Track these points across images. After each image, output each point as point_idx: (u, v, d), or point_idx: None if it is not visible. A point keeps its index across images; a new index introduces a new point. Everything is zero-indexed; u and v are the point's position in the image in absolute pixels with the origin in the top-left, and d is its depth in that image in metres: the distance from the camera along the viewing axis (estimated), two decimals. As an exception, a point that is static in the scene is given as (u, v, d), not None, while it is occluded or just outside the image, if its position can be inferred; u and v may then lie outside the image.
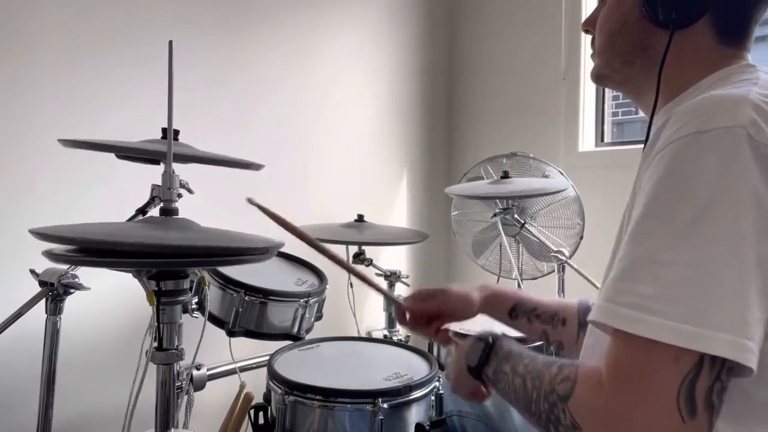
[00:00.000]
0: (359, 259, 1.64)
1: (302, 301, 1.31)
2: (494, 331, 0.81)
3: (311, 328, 1.39)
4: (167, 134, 0.84)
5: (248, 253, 0.77)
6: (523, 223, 1.69)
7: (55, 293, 1.05)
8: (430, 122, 2.54)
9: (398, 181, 2.41)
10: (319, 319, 1.42)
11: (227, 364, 1.42)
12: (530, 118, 2.30)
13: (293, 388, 1.05)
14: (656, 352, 0.52)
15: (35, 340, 1.11)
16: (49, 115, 1.46)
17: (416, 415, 1.07)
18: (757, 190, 0.53)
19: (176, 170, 0.91)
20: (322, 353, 1.27)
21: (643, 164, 0.64)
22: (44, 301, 1.06)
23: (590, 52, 0.84)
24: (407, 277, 1.68)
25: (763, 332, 0.52)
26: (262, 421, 1.13)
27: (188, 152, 1.03)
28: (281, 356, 1.22)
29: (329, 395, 1.03)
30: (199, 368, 1.19)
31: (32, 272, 1.07)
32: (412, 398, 1.06)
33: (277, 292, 1.29)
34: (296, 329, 1.32)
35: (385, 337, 1.63)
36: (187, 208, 0.94)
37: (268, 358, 1.20)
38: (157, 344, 0.86)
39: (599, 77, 0.83)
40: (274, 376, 1.10)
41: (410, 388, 1.06)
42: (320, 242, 0.94)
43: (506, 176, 1.65)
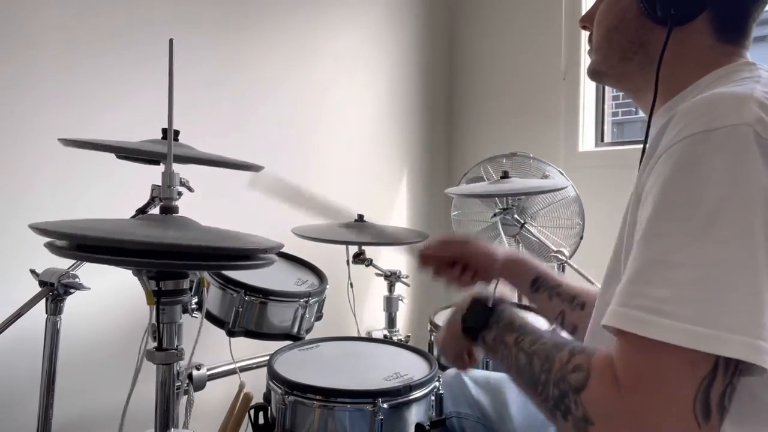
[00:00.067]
0: (359, 259, 1.64)
1: (302, 301, 1.31)
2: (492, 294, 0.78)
3: (311, 328, 1.39)
4: (168, 133, 0.84)
5: (250, 256, 0.77)
6: (523, 223, 1.69)
7: (55, 293, 1.05)
8: (430, 122, 2.54)
9: (398, 181, 2.41)
10: (319, 319, 1.42)
11: (227, 364, 1.42)
12: (530, 118, 2.30)
13: (293, 388, 1.05)
14: (672, 355, 0.51)
15: (35, 340, 1.11)
16: (49, 115, 1.46)
17: (416, 415, 1.07)
18: (766, 188, 0.52)
19: (176, 169, 0.91)
20: (322, 353, 1.27)
21: (645, 164, 0.63)
22: (44, 301, 1.06)
23: (588, 48, 0.83)
24: (407, 277, 1.68)
25: None
26: (262, 421, 1.13)
27: (188, 153, 1.03)
28: (281, 356, 1.22)
29: (329, 395, 1.03)
30: (199, 368, 1.19)
31: (32, 272, 1.07)
32: (412, 398, 1.06)
33: (277, 292, 1.29)
34: (296, 329, 1.32)
35: (385, 337, 1.63)
36: (187, 206, 0.94)
37: (268, 358, 1.20)
38: (156, 344, 0.86)
39: (596, 73, 0.82)
40: (274, 376, 1.10)
41: (410, 388, 1.05)
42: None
43: (506, 176, 1.65)
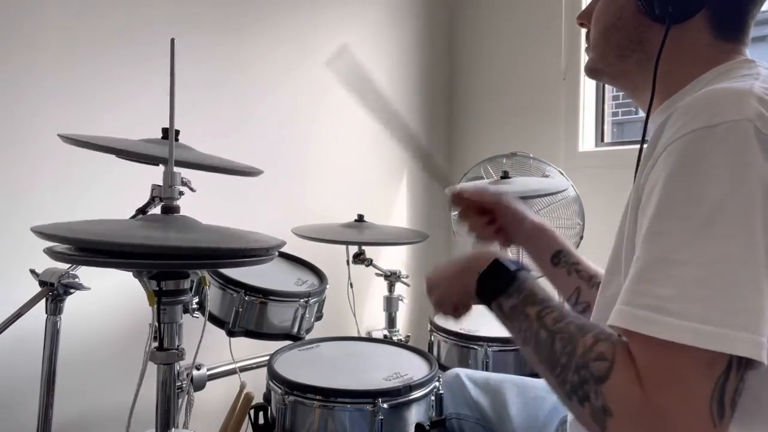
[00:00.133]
0: (359, 259, 1.64)
1: (302, 301, 1.31)
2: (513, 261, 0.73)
3: (311, 328, 1.39)
4: (169, 133, 0.84)
5: (251, 254, 0.77)
6: (523, 223, 1.69)
7: (55, 293, 1.05)
8: (430, 122, 2.54)
9: (398, 181, 2.41)
10: (319, 319, 1.42)
11: (227, 364, 1.42)
12: (530, 118, 2.30)
13: (293, 388, 1.06)
14: (685, 355, 0.51)
15: (35, 340, 1.11)
16: (49, 114, 1.46)
17: (416, 415, 1.07)
18: (766, 184, 0.52)
19: (176, 169, 0.91)
20: (322, 353, 1.27)
21: (644, 162, 0.63)
22: (44, 301, 1.06)
23: (586, 46, 0.83)
24: (407, 277, 1.68)
25: None
26: (262, 421, 1.13)
27: (188, 157, 1.03)
28: (281, 356, 1.22)
29: (329, 395, 1.04)
30: (199, 368, 1.19)
31: (32, 272, 1.07)
32: (412, 398, 1.06)
33: (277, 292, 1.29)
34: (296, 329, 1.32)
35: (385, 337, 1.63)
36: (187, 206, 0.94)
37: (268, 358, 1.20)
38: (157, 344, 0.86)
39: (593, 71, 0.82)
40: (274, 376, 1.10)
41: (410, 388, 1.06)
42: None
43: (506, 176, 1.65)
